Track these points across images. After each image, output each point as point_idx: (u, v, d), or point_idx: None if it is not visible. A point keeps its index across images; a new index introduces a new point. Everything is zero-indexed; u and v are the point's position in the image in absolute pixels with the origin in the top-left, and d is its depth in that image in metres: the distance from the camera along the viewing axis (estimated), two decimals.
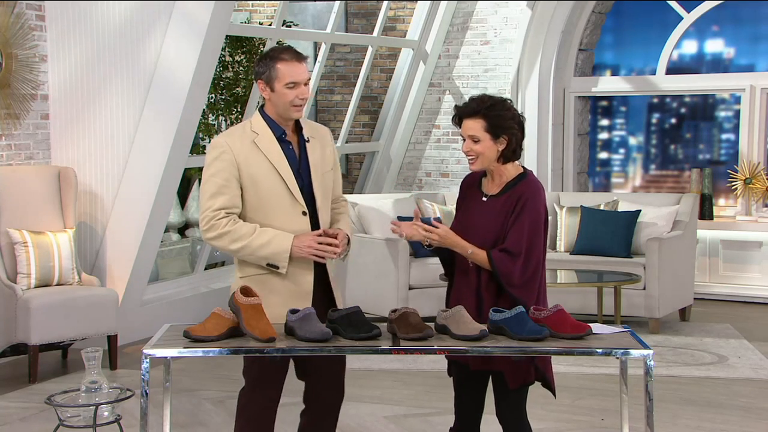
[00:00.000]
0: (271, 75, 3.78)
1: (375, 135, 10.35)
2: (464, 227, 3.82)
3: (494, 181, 3.84)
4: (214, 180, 3.80)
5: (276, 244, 3.77)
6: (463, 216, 3.88)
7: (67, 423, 4.42)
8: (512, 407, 3.80)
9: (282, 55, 3.79)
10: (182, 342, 3.56)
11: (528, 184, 3.80)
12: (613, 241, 8.12)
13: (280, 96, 3.79)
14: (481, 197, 3.84)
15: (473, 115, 3.76)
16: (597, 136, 10.49)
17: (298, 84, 3.79)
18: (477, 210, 3.83)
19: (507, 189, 3.80)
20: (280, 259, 3.78)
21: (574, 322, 3.60)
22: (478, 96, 3.81)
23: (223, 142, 3.83)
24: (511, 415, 3.81)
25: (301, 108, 3.83)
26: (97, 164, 7.22)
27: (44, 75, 7.22)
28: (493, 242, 3.75)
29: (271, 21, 10.22)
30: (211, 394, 6.12)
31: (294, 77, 3.77)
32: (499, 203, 3.79)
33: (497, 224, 3.76)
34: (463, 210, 3.90)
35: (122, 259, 7.19)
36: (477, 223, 3.80)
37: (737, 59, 9.85)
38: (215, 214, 3.78)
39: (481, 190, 3.86)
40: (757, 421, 5.61)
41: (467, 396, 3.90)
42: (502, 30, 9.92)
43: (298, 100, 3.80)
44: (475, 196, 3.87)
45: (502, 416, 3.83)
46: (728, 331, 7.83)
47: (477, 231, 3.78)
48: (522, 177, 3.82)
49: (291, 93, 3.79)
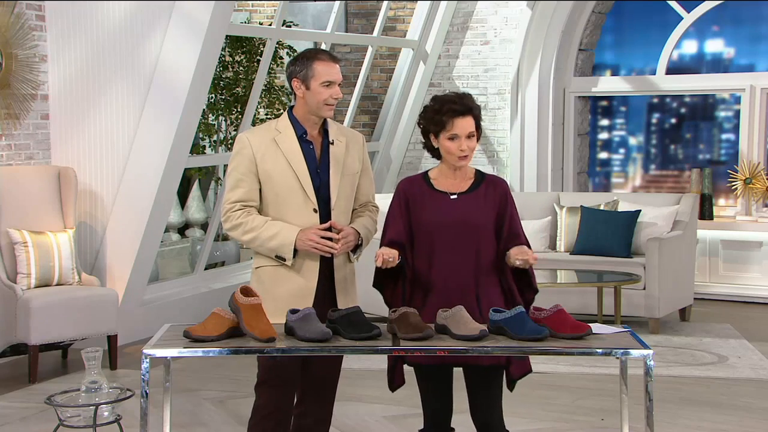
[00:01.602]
0: (308, 74, 3.94)
1: (375, 135, 10.35)
2: (436, 226, 3.79)
3: (456, 179, 3.85)
4: (234, 174, 3.99)
5: (283, 236, 3.91)
6: (428, 216, 3.81)
7: (67, 423, 4.42)
8: (498, 406, 3.81)
9: (319, 55, 3.97)
10: (182, 342, 3.56)
11: (496, 177, 3.94)
12: (613, 241, 8.12)
13: (314, 94, 3.94)
14: (444, 197, 3.82)
15: (468, 113, 3.79)
16: (597, 136, 10.49)
17: (333, 84, 3.95)
18: (447, 209, 3.81)
19: (478, 184, 3.85)
20: (285, 251, 3.91)
21: (574, 322, 3.60)
22: (461, 94, 3.86)
23: (244, 138, 4.02)
24: (497, 410, 3.81)
25: (332, 107, 3.99)
26: (97, 164, 7.22)
27: (44, 75, 7.22)
28: (491, 237, 3.78)
29: (271, 21, 10.22)
30: (211, 394, 6.12)
31: (330, 77, 3.94)
32: (479, 198, 3.81)
33: (489, 218, 3.79)
34: (420, 211, 3.82)
35: (122, 259, 7.19)
36: (457, 220, 3.78)
37: (737, 59, 9.85)
38: (232, 206, 3.97)
39: (438, 190, 3.84)
40: (757, 421, 5.61)
41: (442, 396, 3.87)
42: (502, 30, 9.92)
43: (332, 99, 3.96)
44: (433, 196, 3.83)
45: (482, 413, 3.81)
46: (728, 331, 7.83)
47: (464, 228, 3.77)
48: (479, 171, 3.90)
49: (326, 92, 3.94)
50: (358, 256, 4.08)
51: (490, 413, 3.82)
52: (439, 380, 3.86)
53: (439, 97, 3.88)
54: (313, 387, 4.12)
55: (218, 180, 9.92)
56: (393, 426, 5.49)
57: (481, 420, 3.84)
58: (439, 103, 3.84)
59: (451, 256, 3.78)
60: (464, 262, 3.78)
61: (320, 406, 4.15)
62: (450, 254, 3.79)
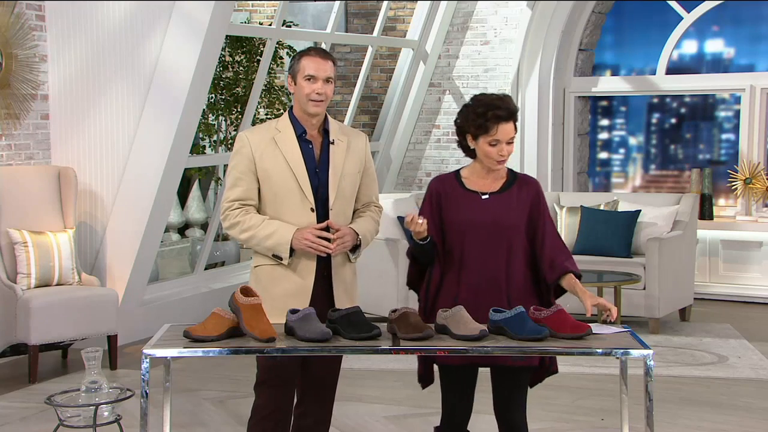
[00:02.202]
0: (296, 69, 3.97)
1: (375, 135, 10.35)
2: (467, 226, 3.79)
3: (488, 179, 3.85)
4: (233, 173, 4.00)
5: (279, 235, 3.91)
6: (459, 215, 3.82)
7: (67, 423, 4.42)
8: (523, 405, 3.83)
9: (309, 51, 4.00)
10: (182, 342, 3.56)
11: (528, 176, 3.92)
12: (613, 241, 8.12)
13: (300, 89, 3.95)
14: (476, 197, 3.82)
15: (511, 118, 3.76)
16: (597, 136, 10.49)
17: (317, 78, 3.92)
18: (479, 209, 3.81)
19: (510, 184, 3.84)
20: (282, 250, 3.91)
21: (574, 322, 3.60)
22: (503, 96, 3.80)
23: (243, 137, 4.03)
24: (522, 409, 3.84)
25: (318, 103, 3.94)
26: (97, 164, 7.22)
27: (44, 75, 7.22)
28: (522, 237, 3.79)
29: (271, 21, 10.22)
30: (211, 394, 6.12)
31: (312, 70, 3.92)
32: (511, 198, 3.80)
33: (521, 219, 3.79)
34: (452, 210, 3.83)
35: (122, 259, 7.19)
36: (488, 221, 3.77)
37: (737, 59, 9.85)
38: (230, 204, 3.99)
39: (469, 190, 3.84)
40: (757, 421, 5.61)
41: (464, 396, 3.88)
42: (502, 30, 9.92)
43: (315, 95, 3.92)
44: (465, 196, 3.83)
45: (510, 414, 3.83)
46: (728, 331, 7.83)
47: (494, 228, 3.77)
48: (511, 170, 3.89)
49: (308, 86, 3.93)
50: (357, 257, 4.07)
51: (516, 412, 3.83)
52: (463, 380, 3.86)
53: (483, 100, 3.79)
54: (312, 387, 4.12)
55: (218, 180, 9.92)
56: (393, 426, 5.49)
57: (505, 418, 3.85)
58: (484, 107, 3.76)
59: (481, 256, 3.77)
60: (495, 262, 3.77)
61: (320, 406, 4.14)
62: (480, 254, 3.77)
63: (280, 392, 4.00)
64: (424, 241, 3.76)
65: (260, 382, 4.02)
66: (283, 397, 4.01)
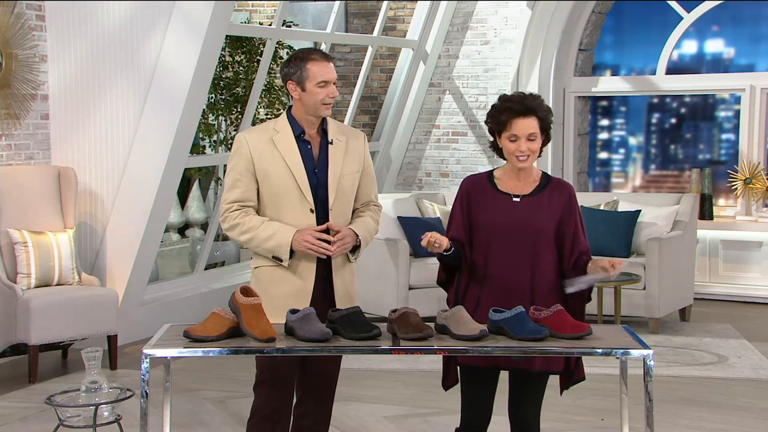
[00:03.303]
0: (302, 75, 3.92)
1: (375, 135, 10.35)
2: (495, 227, 3.77)
3: (520, 181, 3.83)
4: (232, 174, 4.00)
5: (279, 237, 3.91)
6: (488, 216, 3.79)
7: (67, 423, 4.42)
8: (538, 406, 3.85)
9: (312, 55, 3.95)
10: (182, 342, 3.56)
11: (562, 180, 3.89)
12: (613, 241, 8.12)
13: (311, 95, 3.92)
14: (506, 198, 3.80)
15: (530, 113, 3.73)
16: (597, 136, 10.49)
17: (329, 83, 3.93)
18: (509, 211, 3.78)
19: (542, 188, 3.82)
20: (282, 252, 3.91)
21: (574, 322, 3.60)
22: (527, 94, 3.79)
23: (242, 138, 4.02)
24: (536, 410, 3.86)
25: (330, 106, 3.97)
26: (97, 164, 7.22)
27: (44, 75, 7.22)
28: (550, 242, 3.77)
29: (271, 21, 10.22)
30: (211, 394, 6.12)
31: (325, 76, 3.92)
32: (542, 202, 3.78)
33: (550, 223, 3.76)
34: (481, 210, 3.81)
35: (122, 259, 7.19)
36: (516, 223, 3.75)
37: (737, 59, 9.85)
38: (229, 206, 3.99)
39: (500, 191, 3.82)
40: (757, 421, 5.61)
41: (484, 399, 3.86)
42: (502, 30, 9.92)
43: (329, 99, 3.94)
44: (496, 197, 3.81)
45: (522, 412, 3.84)
46: (728, 331, 7.83)
47: (522, 231, 3.75)
48: (545, 174, 3.86)
49: (322, 92, 3.92)
50: (356, 257, 4.07)
51: (528, 411, 3.85)
52: (484, 383, 3.84)
53: (504, 96, 3.82)
54: (312, 387, 4.12)
55: (218, 180, 9.92)
56: (393, 426, 5.49)
57: (517, 416, 3.86)
58: (501, 102, 3.79)
59: (507, 258, 3.76)
60: (521, 264, 3.75)
61: (320, 407, 4.15)
62: (506, 256, 3.76)
63: (279, 392, 4.00)
64: (448, 252, 3.77)
65: (260, 382, 4.02)
66: (283, 397, 4.01)
